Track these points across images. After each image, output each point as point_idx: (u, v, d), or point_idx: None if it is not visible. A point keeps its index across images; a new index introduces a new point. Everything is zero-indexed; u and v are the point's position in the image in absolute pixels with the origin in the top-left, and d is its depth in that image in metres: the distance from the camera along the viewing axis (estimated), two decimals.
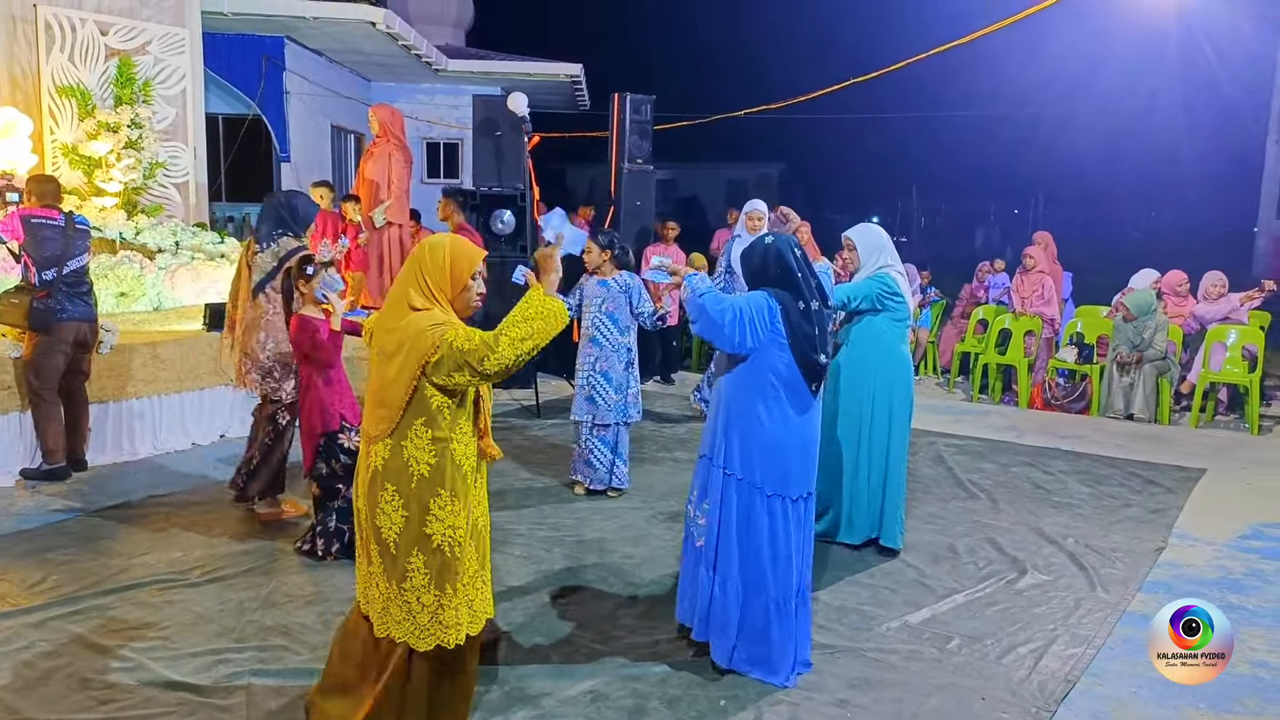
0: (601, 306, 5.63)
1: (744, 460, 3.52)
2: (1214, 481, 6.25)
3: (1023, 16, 9.06)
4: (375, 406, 2.84)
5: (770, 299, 3.49)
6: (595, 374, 5.63)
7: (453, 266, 2.83)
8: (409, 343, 2.73)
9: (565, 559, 4.69)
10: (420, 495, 2.78)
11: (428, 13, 17.24)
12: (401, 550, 2.81)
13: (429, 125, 16.31)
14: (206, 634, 3.78)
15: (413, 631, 2.83)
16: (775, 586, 3.52)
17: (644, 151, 9.32)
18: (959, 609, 4.19)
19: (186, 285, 8.15)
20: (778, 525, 3.52)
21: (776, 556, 3.52)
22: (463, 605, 2.86)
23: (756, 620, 3.53)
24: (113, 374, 6.21)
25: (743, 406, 3.52)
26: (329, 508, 4.56)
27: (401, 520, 2.80)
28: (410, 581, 2.82)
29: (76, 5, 8.57)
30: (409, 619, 2.83)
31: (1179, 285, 8.85)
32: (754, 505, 3.52)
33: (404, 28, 12.83)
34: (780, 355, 3.46)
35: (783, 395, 3.48)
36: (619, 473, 5.77)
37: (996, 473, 6.40)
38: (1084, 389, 8.45)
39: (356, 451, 4.41)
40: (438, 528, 2.80)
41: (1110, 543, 5.04)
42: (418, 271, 2.82)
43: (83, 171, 8.49)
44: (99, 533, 4.92)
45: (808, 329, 3.45)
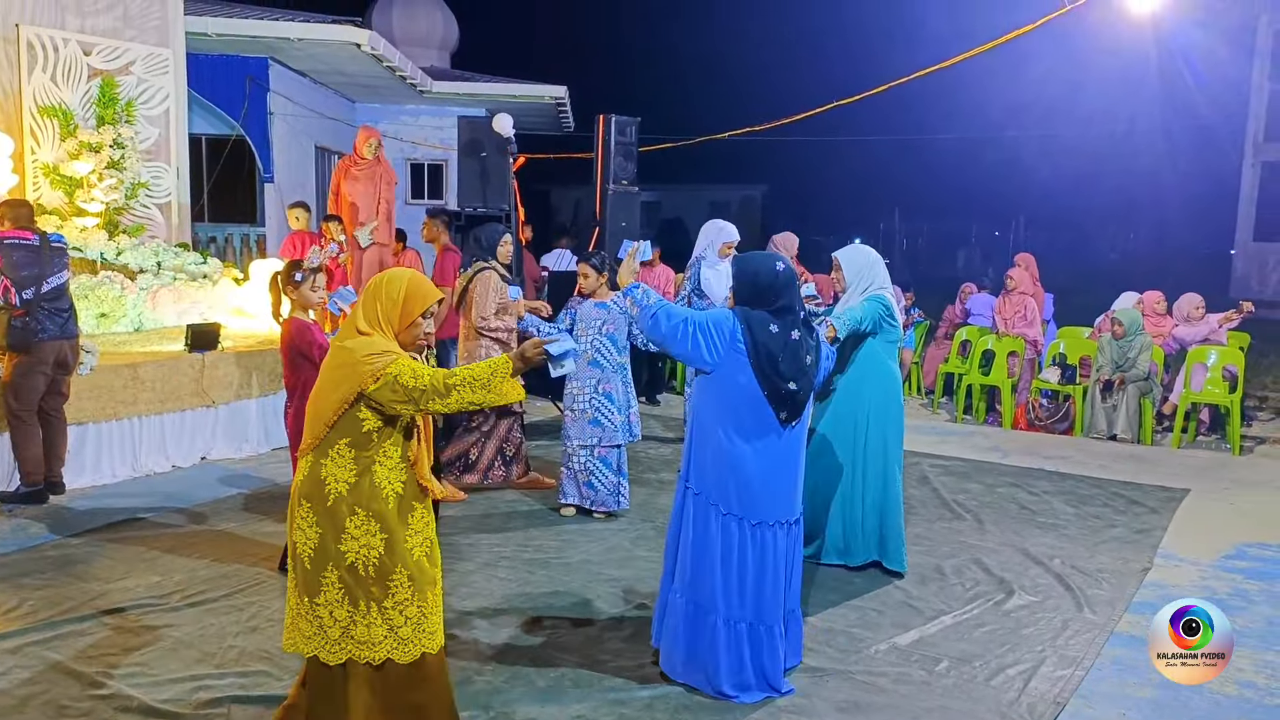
0: (601, 328, 5.59)
1: (699, 476, 3.53)
2: (1197, 502, 6.27)
3: (1004, 41, 9.17)
4: (309, 420, 2.91)
5: (736, 318, 3.44)
6: (599, 396, 5.58)
7: (405, 302, 2.89)
8: (346, 368, 2.81)
9: (551, 582, 4.65)
10: (335, 513, 2.83)
11: (413, 34, 17.28)
12: (315, 566, 2.86)
13: (413, 146, 16.30)
14: (186, 660, 3.71)
15: (323, 645, 2.88)
16: (725, 606, 3.48)
17: (629, 173, 9.34)
18: (947, 631, 4.17)
19: (168, 306, 8.10)
20: (732, 545, 3.48)
21: (729, 576, 3.48)
22: (380, 625, 2.87)
23: (703, 635, 3.50)
24: (92, 395, 6.14)
25: (705, 424, 3.52)
26: None
27: (316, 536, 2.85)
28: (323, 596, 2.86)
29: (59, 25, 8.55)
30: (319, 634, 2.88)
31: (1155, 304, 8.93)
32: (709, 522, 3.49)
33: (389, 49, 12.84)
34: (741, 375, 3.40)
35: (744, 417, 3.43)
36: (624, 492, 5.73)
37: (982, 493, 6.40)
38: (1067, 409, 8.49)
39: None
40: (352, 545, 2.83)
41: (1096, 563, 5.04)
42: (371, 299, 2.90)
43: (64, 192, 8.44)
44: (76, 557, 4.84)
45: (774, 352, 3.38)
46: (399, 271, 3.00)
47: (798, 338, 3.44)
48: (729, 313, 3.47)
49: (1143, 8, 7.31)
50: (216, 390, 6.83)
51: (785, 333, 3.41)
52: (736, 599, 3.48)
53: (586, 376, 5.60)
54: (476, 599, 4.38)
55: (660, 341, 3.51)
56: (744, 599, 3.49)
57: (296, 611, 2.92)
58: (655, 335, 3.50)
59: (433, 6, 17.95)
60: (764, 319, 3.42)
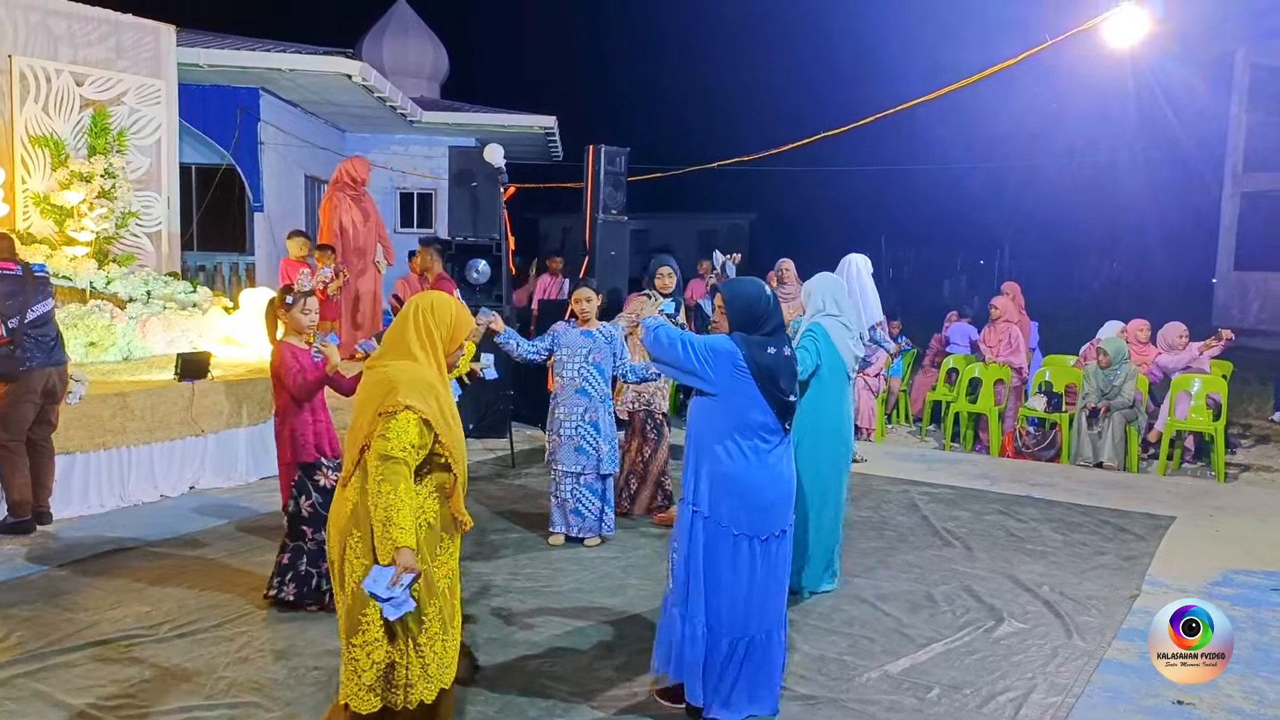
0: (588, 357, 5.59)
1: (711, 499, 3.54)
2: (1184, 529, 6.32)
3: (986, 75, 9.31)
4: (347, 447, 2.93)
5: (736, 344, 3.50)
6: (585, 424, 5.58)
7: (456, 327, 3.02)
8: (379, 387, 2.84)
9: (542, 610, 4.64)
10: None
11: (403, 65, 17.42)
12: (358, 600, 2.82)
13: (403, 175, 16.38)
14: (175, 691, 3.69)
15: (355, 692, 2.82)
16: (737, 625, 3.50)
17: (618, 203, 9.40)
18: (938, 658, 4.19)
19: (158, 334, 8.09)
20: (742, 565, 3.51)
21: (736, 597, 3.51)
22: (416, 664, 2.84)
23: (721, 660, 3.52)
24: (81, 425, 6.11)
25: (709, 446, 3.54)
26: (298, 549, 4.49)
27: (362, 569, 2.81)
28: (361, 636, 2.82)
29: (52, 56, 8.60)
30: (354, 678, 2.82)
31: (1139, 332, 9.03)
32: (720, 544, 3.52)
33: (379, 80, 12.94)
34: (748, 395, 3.47)
35: (750, 436, 3.50)
36: (608, 519, 5.75)
37: (971, 520, 6.43)
38: (1054, 437, 8.55)
39: (328, 489, 4.41)
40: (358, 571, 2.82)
41: (1085, 590, 5.07)
42: (422, 320, 2.94)
43: (54, 221, 8.45)
44: (64, 587, 4.81)
45: (776, 373, 3.48)
46: (444, 296, 3.06)
47: (789, 354, 3.56)
48: (727, 339, 3.53)
49: (1123, 42, 7.45)
50: (206, 419, 6.82)
51: (780, 352, 3.52)
52: (755, 615, 3.51)
53: (574, 404, 5.60)
54: (467, 627, 4.36)
55: (661, 357, 3.59)
56: (756, 613, 3.51)
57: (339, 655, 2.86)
58: (656, 351, 3.59)
59: (423, 37, 18.10)
60: (762, 343, 3.50)
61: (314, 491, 4.46)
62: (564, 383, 5.65)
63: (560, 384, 5.67)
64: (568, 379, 5.63)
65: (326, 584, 4.49)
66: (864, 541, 5.86)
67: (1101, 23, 7.07)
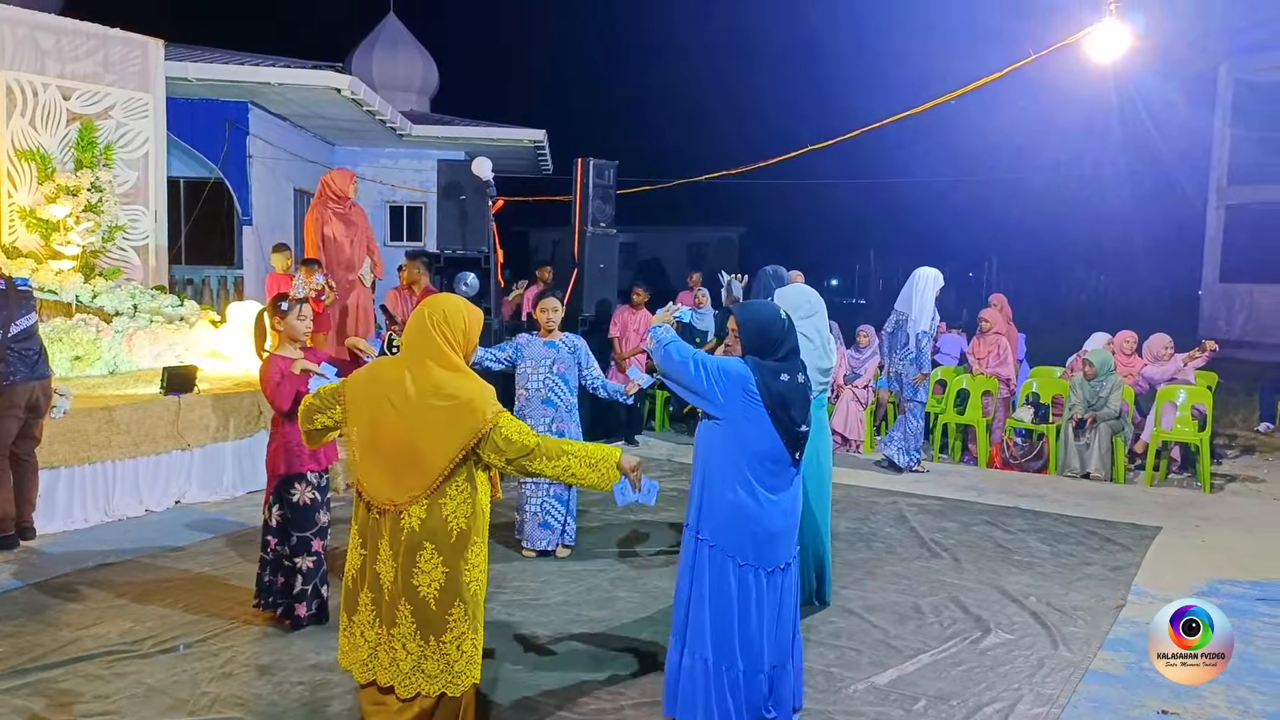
0: (553, 368, 5.60)
1: (713, 528, 3.43)
2: (1170, 539, 6.34)
3: (972, 89, 9.39)
4: (402, 469, 2.86)
5: (749, 368, 3.39)
6: (551, 434, 5.59)
7: (469, 327, 3.02)
8: (463, 408, 2.86)
9: (529, 624, 4.63)
10: (459, 549, 2.91)
11: (393, 79, 17.47)
12: (442, 605, 2.89)
13: (392, 189, 16.40)
14: (159, 707, 3.66)
15: (449, 681, 2.93)
16: (745, 659, 3.40)
17: (607, 216, 9.44)
18: (925, 669, 4.19)
19: (144, 348, 8.06)
20: (750, 595, 3.40)
21: (747, 626, 3.40)
22: (481, 644, 3.04)
23: (722, 694, 3.40)
24: (65, 439, 6.08)
25: (717, 474, 3.42)
26: (261, 558, 4.54)
27: (442, 576, 2.88)
28: (450, 633, 2.91)
29: (39, 70, 8.60)
30: (446, 670, 2.93)
31: (1125, 344, 9.09)
32: (726, 573, 3.40)
33: (369, 94, 12.96)
34: (758, 423, 3.35)
35: (760, 466, 3.37)
36: (570, 529, 5.79)
37: (958, 531, 6.45)
38: (1041, 448, 8.58)
39: (301, 506, 4.41)
40: (473, 574, 2.96)
41: (1071, 601, 5.08)
42: (443, 324, 2.93)
43: (40, 235, 8.43)
44: (47, 603, 4.77)
45: (788, 401, 3.36)
46: (450, 297, 3.07)
47: (803, 381, 3.44)
48: (740, 362, 3.42)
49: (1105, 57, 7.53)
50: (192, 433, 6.79)
51: (794, 378, 3.40)
52: (757, 648, 3.41)
53: (540, 415, 5.59)
54: None
55: (670, 373, 3.49)
56: (764, 647, 3.42)
57: (421, 654, 2.92)
58: (666, 367, 3.50)
59: (413, 51, 18.16)
60: (775, 369, 3.38)
61: (286, 505, 4.45)
62: (529, 394, 5.63)
63: (525, 396, 5.65)
64: (533, 390, 5.62)
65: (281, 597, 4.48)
66: (851, 553, 5.87)
67: (1084, 38, 7.13)
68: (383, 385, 2.93)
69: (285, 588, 4.49)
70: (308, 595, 4.48)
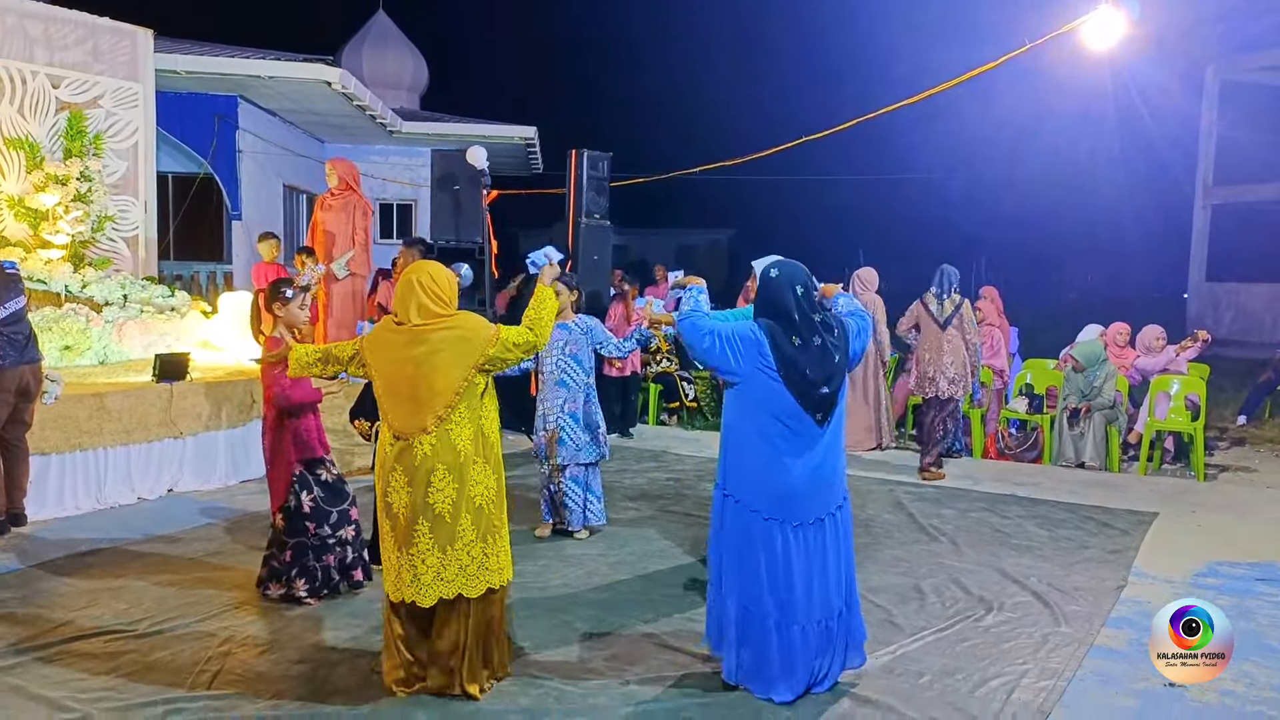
0: (565, 349, 5.62)
1: (737, 483, 3.58)
2: (1167, 524, 6.35)
3: (958, 82, 9.41)
4: (415, 404, 3.38)
5: (759, 330, 3.53)
6: (564, 415, 5.60)
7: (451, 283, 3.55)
8: (467, 338, 3.41)
9: (531, 605, 4.59)
10: (464, 467, 3.40)
11: (382, 76, 17.37)
12: (453, 518, 3.40)
13: (383, 186, 16.32)
14: (157, 684, 3.61)
15: (465, 584, 3.43)
16: (776, 609, 3.51)
17: (601, 207, 9.41)
18: (929, 646, 4.17)
19: (135, 338, 7.98)
20: (776, 549, 3.51)
21: (775, 581, 3.51)
22: (502, 552, 3.54)
23: (754, 639, 3.54)
24: (56, 425, 6.01)
25: (739, 434, 3.59)
26: (300, 546, 4.43)
27: (454, 491, 3.39)
28: (460, 540, 3.42)
29: (28, 58, 8.51)
30: (461, 573, 3.42)
31: (1119, 335, 9.11)
32: (751, 528, 3.54)
33: (359, 88, 12.88)
34: (772, 385, 3.49)
35: (779, 424, 3.50)
36: (593, 510, 5.77)
37: (956, 518, 6.44)
38: (1035, 438, 8.59)
39: (329, 484, 4.41)
40: (478, 490, 3.45)
41: (1072, 581, 5.08)
42: (431, 285, 3.46)
43: (28, 224, 8.34)
44: (40, 585, 4.71)
45: (801, 364, 3.47)
46: (426, 263, 3.57)
47: (820, 343, 3.51)
48: (752, 325, 3.55)
49: (1101, 44, 7.55)
50: (185, 421, 6.72)
51: (807, 343, 3.50)
52: (788, 600, 3.51)
53: (554, 397, 5.63)
54: None
55: (689, 346, 3.64)
56: (796, 599, 3.51)
57: (441, 564, 3.41)
58: (687, 339, 3.65)
59: (402, 48, 18.08)
60: (785, 334, 3.50)
61: (316, 486, 4.43)
62: (544, 377, 5.66)
63: (541, 379, 5.68)
64: (548, 373, 5.64)
65: (337, 574, 4.54)
66: None
67: (1080, 26, 7.15)
68: (390, 340, 3.47)
69: (340, 562, 4.51)
70: (359, 561, 4.60)
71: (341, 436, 7.11)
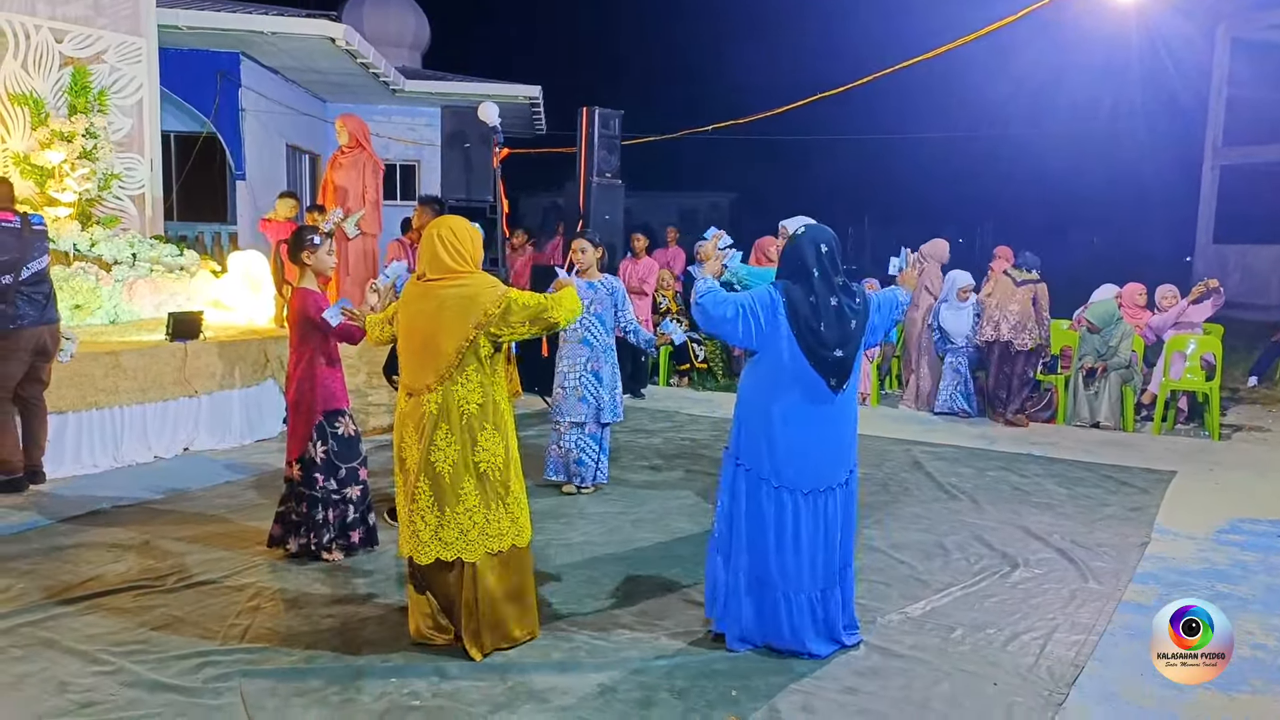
0: (590, 308, 5.60)
1: (751, 452, 3.54)
2: (1186, 482, 6.34)
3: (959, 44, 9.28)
4: (423, 359, 3.40)
5: (776, 292, 3.50)
6: (587, 374, 5.62)
7: (475, 238, 3.51)
8: (473, 296, 3.37)
9: (553, 561, 4.58)
10: (469, 429, 3.39)
11: (384, 34, 17.11)
12: (453, 479, 3.38)
13: (385, 146, 16.13)
14: (189, 637, 3.60)
15: (463, 548, 3.41)
16: (783, 580, 3.50)
17: (612, 166, 9.29)
18: (957, 601, 4.17)
19: (145, 298, 7.92)
20: (786, 518, 3.49)
21: (783, 549, 3.50)
22: (506, 518, 3.47)
23: (765, 610, 3.54)
24: (72, 384, 5.96)
25: (752, 400, 3.56)
26: (310, 497, 4.41)
27: (455, 453, 3.38)
28: (462, 505, 3.39)
29: (30, 11, 8.37)
30: (460, 537, 3.40)
31: (1136, 296, 9.05)
32: (761, 497, 3.51)
33: (363, 44, 12.69)
34: (787, 348, 3.45)
35: (793, 389, 3.46)
36: (603, 468, 5.82)
37: (974, 476, 6.43)
38: (1050, 398, 8.56)
39: (346, 438, 4.39)
40: (484, 456, 3.42)
41: (1095, 538, 5.07)
42: (454, 242, 3.42)
43: (35, 181, 8.24)
44: (65, 541, 4.69)
45: (814, 321, 3.43)
46: (455, 218, 3.56)
47: (836, 304, 3.46)
48: (769, 288, 3.52)
49: (1118, 3, 7.43)
50: (199, 380, 6.68)
51: (824, 300, 3.45)
52: (794, 570, 3.49)
53: (576, 355, 5.65)
54: None
55: (710, 324, 3.55)
56: (802, 568, 3.50)
57: (439, 523, 3.40)
58: (706, 321, 3.55)
59: (404, 6, 17.81)
60: (803, 290, 3.46)
61: (330, 439, 4.39)
62: (566, 334, 5.64)
63: (563, 336, 5.66)
64: (570, 331, 5.60)
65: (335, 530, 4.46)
66: (868, 496, 5.82)
67: None
68: (414, 297, 3.50)
69: (340, 520, 4.46)
70: (359, 522, 4.53)
71: (355, 397, 7.08)
